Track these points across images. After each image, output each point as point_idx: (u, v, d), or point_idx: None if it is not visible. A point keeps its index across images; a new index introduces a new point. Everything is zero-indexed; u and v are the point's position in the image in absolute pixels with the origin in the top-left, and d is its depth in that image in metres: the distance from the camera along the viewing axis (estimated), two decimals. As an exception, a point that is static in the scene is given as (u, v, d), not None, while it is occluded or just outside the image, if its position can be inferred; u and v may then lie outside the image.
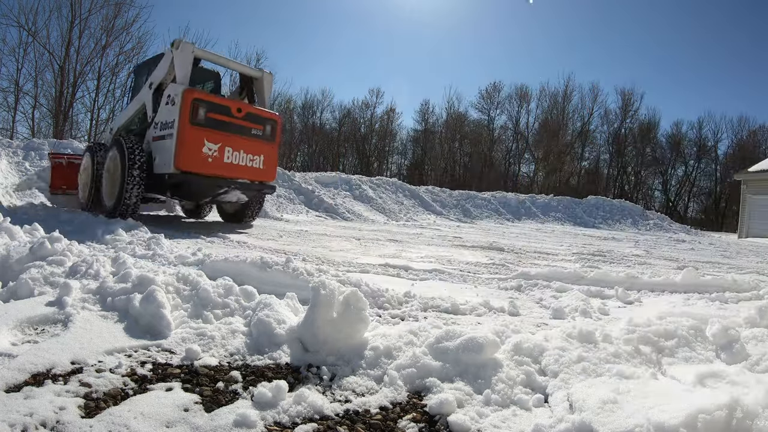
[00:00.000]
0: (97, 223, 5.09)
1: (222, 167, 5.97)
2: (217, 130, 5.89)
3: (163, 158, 5.77)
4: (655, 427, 1.17)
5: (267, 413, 1.32)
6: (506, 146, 41.04)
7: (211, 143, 5.83)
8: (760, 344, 1.81)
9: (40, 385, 1.37)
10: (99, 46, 21.56)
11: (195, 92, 5.82)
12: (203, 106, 5.77)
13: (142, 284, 2.11)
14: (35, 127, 20.66)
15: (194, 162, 5.72)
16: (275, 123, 6.62)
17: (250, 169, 6.28)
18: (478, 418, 1.38)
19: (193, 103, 5.68)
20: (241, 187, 6.30)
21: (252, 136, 6.28)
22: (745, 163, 27.86)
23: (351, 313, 1.81)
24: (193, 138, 5.68)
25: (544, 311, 2.83)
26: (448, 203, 16.68)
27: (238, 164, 6.13)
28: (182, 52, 6.00)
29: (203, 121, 5.76)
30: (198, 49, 6.22)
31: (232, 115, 6.05)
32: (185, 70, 5.98)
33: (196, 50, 6.16)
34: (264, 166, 6.43)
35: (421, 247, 6.04)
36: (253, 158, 6.28)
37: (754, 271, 5.68)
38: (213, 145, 5.85)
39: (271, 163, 6.54)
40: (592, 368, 1.61)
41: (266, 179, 6.60)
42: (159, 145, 5.92)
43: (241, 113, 6.16)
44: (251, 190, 6.49)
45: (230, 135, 6.02)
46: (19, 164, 9.32)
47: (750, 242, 14.43)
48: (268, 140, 6.49)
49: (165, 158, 5.74)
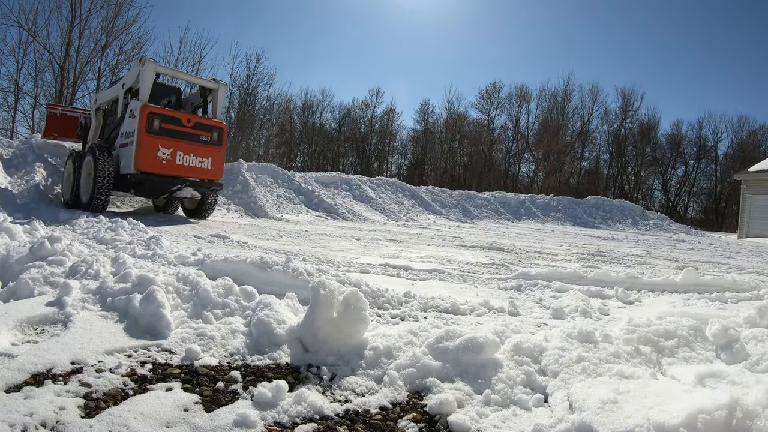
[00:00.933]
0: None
1: (174, 168, 7.18)
2: (170, 137, 7.11)
3: (127, 161, 7.04)
4: (655, 427, 1.17)
5: (267, 413, 1.32)
6: (506, 146, 41.04)
7: (165, 148, 7.06)
8: (760, 344, 1.81)
9: (40, 385, 1.37)
10: (99, 46, 21.55)
11: (150, 107, 7.02)
12: (157, 118, 7.00)
13: (142, 284, 2.11)
14: (35, 127, 20.62)
15: (151, 164, 6.95)
16: (221, 130, 7.83)
17: (199, 169, 7.49)
18: (478, 418, 1.38)
19: (148, 115, 6.94)
20: (192, 184, 7.48)
21: (201, 142, 7.49)
22: (745, 163, 27.87)
23: (351, 313, 1.81)
24: (149, 144, 6.93)
25: (544, 311, 2.83)
26: (448, 203, 16.69)
27: (189, 165, 7.33)
28: (146, 71, 7.14)
29: (157, 131, 6.99)
30: (159, 66, 7.44)
31: (182, 124, 7.31)
32: (146, 87, 7.14)
33: (157, 67, 7.38)
34: (212, 167, 7.65)
35: (421, 247, 6.04)
36: (201, 160, 7.50)
37: (754, 271, 5.68)
38: (167, 150, 7.07)
39: (217, 164, 7.77)
40: (592, 368, 1.61)
41: (214, 178, 7.78)
42: (124, 151, 7.21)
43: (190, 123, 7.40)
44: (201, 187, 7.67)
45: (181, 141, 7.23)
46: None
47: (750, 242, 14.43)
48: (215, 145, 7.70)
49: (128, 161, 7.00)
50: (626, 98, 39.52)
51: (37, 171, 9.03)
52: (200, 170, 7.50)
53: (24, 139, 11.39)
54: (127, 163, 7.02)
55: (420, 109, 43.06)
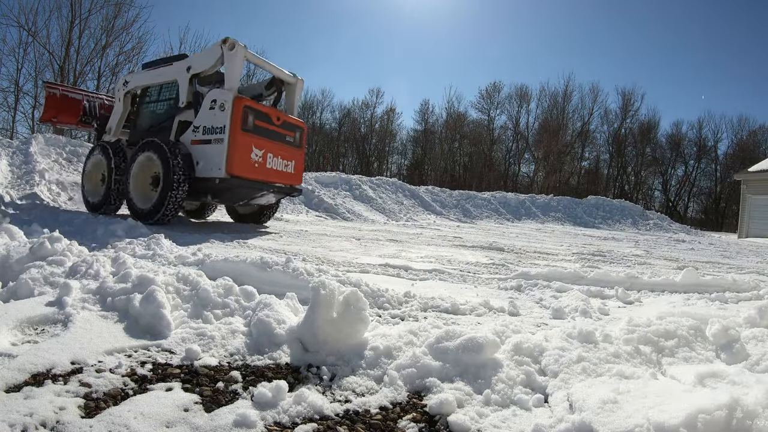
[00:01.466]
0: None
1: (265, 172, 6.26)
2: (262, 137, 6.14)
3: (209, 163, 5.90)
4: (655, 427, 1.17)
5: (267, 413, 1.32)
6: (506, 146, 41.07)
7: (258, 149, 6.09)
8: (760, 344, 1.81)
9: (40, 385, 1.37)
10: (99, 46, 21.61)
11: (245, 99, 5.95)
12: (251, 113, 5.99)
13: (142, 284, 2.11)
14: (35, 127, 20.65)
15: (244, 167, 5.94)
16: (302, 131, 7.02)
17: (285, 173, 6.65)
18: (478, 418, 1.38)
19: (244, 110, 5.85)
20: (278, 190, 6.64)
21: (286, 143, 6.62)
22: (745, 163, 27.87)
23: (351, 313, 1.81)
24: (244, 144, 5.89)
25: (544, 311, 2.82)
26: (448, 203, 16.68)
27: (276, 169, 6.46)
28: (236, 55, 5.96)
29: (251, 128, 5.98)
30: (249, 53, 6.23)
31: (273, 122, 6.34)
32: (236, 75, 6.01)
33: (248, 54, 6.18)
34: (294, 171, 6.85)
35: (421, 247, 6.04)
36: (287, 164, 6.65)
37: (754, 271, 5.68)
38: (259, 151, 6.11)
39: (299, 168, 6.97)
40: (592, 368, 1.60)
41: (295, 183, 7.00)
42: (202, 150, 6.00)
43: (279, 121, 6.46)
44: (283, 193, 6.88)
45: (271, 142, 6.31)
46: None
47: (750, 242, 14.43)
48: (298, 147, 6.90)
49: (213, 163, 5.86)
50: (626, 98, 39.58)
51: (38, 170, 9.02)
52: (285, 174, 6.65)
53: (24, 138, 11.37)
54: (210, 164, 5.89)
55: (420, 109, 43.16)
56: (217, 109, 5.93)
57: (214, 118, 5.94)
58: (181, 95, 6.43)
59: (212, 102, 6.00)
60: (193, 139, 6.11)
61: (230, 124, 5.77)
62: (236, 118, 5.78)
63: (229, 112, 5.78)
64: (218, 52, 6.10)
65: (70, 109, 8.04)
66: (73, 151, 10.70)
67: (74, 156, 10.58)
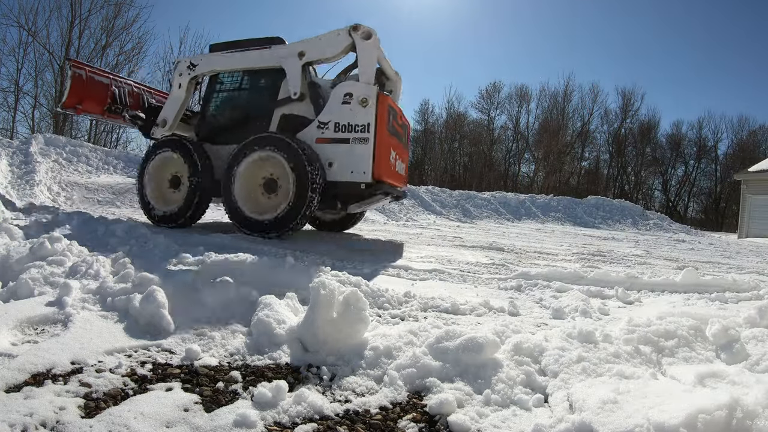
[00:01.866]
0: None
1: (395, 176, 5.77)
2: (393, 136, 5.63)
3: (349, 165, 5.16)
4: (655, 427, 1.17)
5: (267, 413, 1.32)
6: (506, 146, 41.06)
7: (393, 151, 5.60)
8: (760, 344, 1.81)
9: (40, 385, 1.37)
10: (99, 46, 21.61)
11: (388, 96, 5.38)
12: (392, 112, 5.47)
13: (142, 284, 2.11)
14: (35, 127, 20.68)
15: (387, 171, 5.34)
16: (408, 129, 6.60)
17: (402, 176, 6.21)
18: (478, 418, 1.38)
19: (389, 109, 5.32)
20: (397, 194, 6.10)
21: (403, 143, 6.16)
22: (745, 163, 27.87)
23: (351, 313, 1.81)
24: (387, 145, 5.34)
25: (544, 311, 2.82)
26: (448, 203, 16.68)
27: (399, 172, 5.99)
28: (373, 45, 5.27)
29: (391, 128, 5.47)
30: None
31: (398, 120, 5.88)
32: (373, 67, 5.35)
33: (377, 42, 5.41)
34: (405, 172, 6.39)
35: (421, 247, 6.04)
36: (403, 165, 6.20)
37: (754, 271, 5.68)
38: (393, 152, 5.62)
39: (407, 170, 6.50)
40: (592, 368, 1.61)
41: (406, 185, 6.56)
42: (335, 150, 5.21)
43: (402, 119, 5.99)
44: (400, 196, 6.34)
45: (398, 142, 5.85)
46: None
47: (750, 242, 14.43)
48: (406, 147, 6.43)
49: (353, 165, 5.16)
50: (626, 98, 39.57)
51: (38, 170, 9.02)
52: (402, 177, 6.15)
53: (24, 138, 11.37)
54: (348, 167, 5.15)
55: (420, 109, 43.11)
56: (355, 104, 5.18)
57: (351, 115, 5.18)
58: (291, 85, 5.48)
59: (346, 96, 5.23)
60: (319, 137, 5.28)
61: (375, 122, 5.11)
62: (382, 116, 5.15)
63: (374, 108, 5.11)
64: (346, 41, 5.33)
65: (96, 95, 6.64)
66: (73, 151, 10.71)
67: (74, 156, 10.59)
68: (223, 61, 5.99)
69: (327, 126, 5.28)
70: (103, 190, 9.61)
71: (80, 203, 8.75)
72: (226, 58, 5.98)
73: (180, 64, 6.25)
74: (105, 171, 10.75)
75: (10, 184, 8.42)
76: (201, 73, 6.13)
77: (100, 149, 11.79)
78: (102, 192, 9.54)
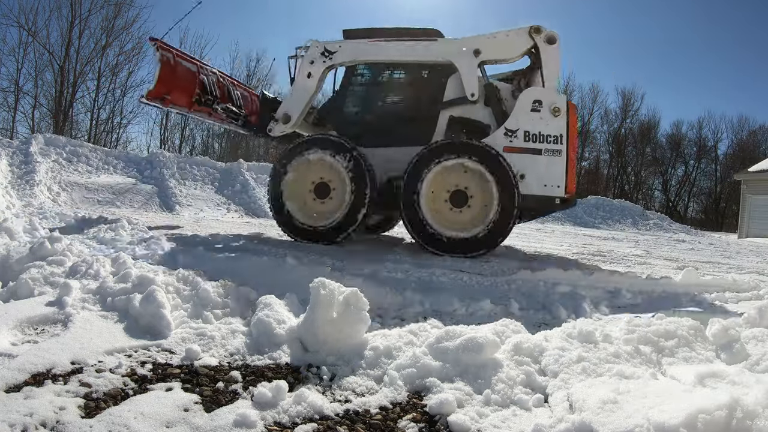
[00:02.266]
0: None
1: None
2: None
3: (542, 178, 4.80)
4: (655, 427, 1.17)
5: (267, 413, 1.32)
6: (506, 146, 40.98)
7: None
8: (760, 344, 1.81)
9: (40, 385, 1.37)
10: (99, 46, 21.63)
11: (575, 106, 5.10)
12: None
13: (142, 284, 2.11)
14: (35, 127, 20.67)
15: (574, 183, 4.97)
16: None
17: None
18: (478, 418, 1.38)
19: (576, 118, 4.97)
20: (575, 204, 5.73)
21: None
22: (745, 163, 27.85)
23: (351, 313, 1.81)
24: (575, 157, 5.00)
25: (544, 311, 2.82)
26: (448, 203, 16.66)
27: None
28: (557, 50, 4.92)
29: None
30: None
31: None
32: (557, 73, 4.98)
33: None
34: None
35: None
36: None
37: (754, 271, 5.68)
38: None
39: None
40: (592, 368, 1.60)
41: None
42: (524, 160, 4.79)
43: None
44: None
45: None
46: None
47: (750, 242, 14.43)
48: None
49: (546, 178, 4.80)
50: (626, 98, 39.51)
51: (38, 170, 9.02)
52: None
53: (24, 138, 11.37)
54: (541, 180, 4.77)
55: (420, 109, 42.99)
56: (545, 112, 4.81)
57: (541, 123, 4.81)
58: (466, 85, 4.99)
59: (535, 103, 4.85)
60: (507, 145, 4.83)
61: (568, 134, 4.79)
62: (573, 127, 4.86)
63: (565, 118, 4.78)
64: (527, 42, 4.94)
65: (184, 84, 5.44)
66: (73, 151, 10.70)
67: (74, 156, 10.58)
68: (373, 50, 5.26)
69: (516, 134, 4.85)
70: (103, 190, 9.61)
71: (80, 203, 8.74)
72: (377, 47, 5.24)
73: (312, 50, 5.33)
74: (105, 171, 10.74)
75: (10, 184, 8.42)
76: (341, 62, 5.32)
77: (100, 149, 11.79)
78: (102, 192, 9.54)
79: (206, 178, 11.63)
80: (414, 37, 5.24)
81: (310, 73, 5.30)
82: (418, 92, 5.32)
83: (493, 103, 5.01)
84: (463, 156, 4.60)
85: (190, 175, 11.41)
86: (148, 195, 10.03)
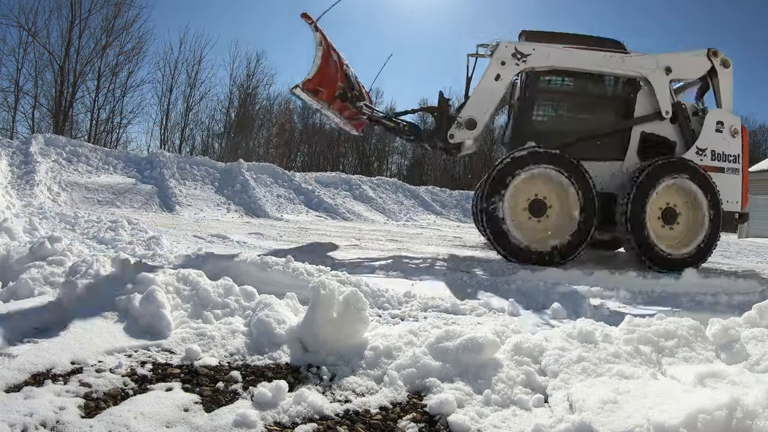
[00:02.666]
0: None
1: None
2: None
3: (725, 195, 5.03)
4: (655, 427, 1.17)
5: (267, 413, 1.32)
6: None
7: None
8: (760, 344, 1.80)
9: (40, 385, 1.37)
10: (99, 46, 21.63)
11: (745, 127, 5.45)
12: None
13: (142, 284, 2.11)
14: (35, 127, 20.65)
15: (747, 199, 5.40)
16: None
17: None
18: (478, 418, 1.37)
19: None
20: None
21: None
22: (745, 163, 27.82)
23: (351, 313, 1.81)
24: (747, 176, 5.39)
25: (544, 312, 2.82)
26: (448, 203, 16.68)
27: None
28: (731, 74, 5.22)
29: None
30: None
31: None
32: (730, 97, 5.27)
33: None
34: None
35: (421, 247, 6.04)
36: None
37: (755, 271, 5.68)
38: None
39: None
40: (592, 368, 1.60)
41: None
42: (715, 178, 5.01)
43: None
44: None
45: None
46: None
47: (750, 242, 14.43)
48: None
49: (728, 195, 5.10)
50: (626, 98, 39.55)
51: (38, 170, 9.02)
52: None
53: (24, 138, 11.36)
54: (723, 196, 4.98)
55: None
56: (726, 133, 5.15)
57: (723, 144, 5.13)
58: (661, 102, 5.05)
59: (718, 124, 5.15)
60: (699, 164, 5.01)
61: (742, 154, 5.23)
62: (746, 147, 5.28)
63: (741, 140, 5.22)
64: (706, 65, 5.20)
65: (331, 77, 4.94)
66: (73, 151, 10.71)
67: (74, 156, 10.59)
68: (568, 57, 5.05)
69: (705, 153, 5.10)
70: (103, 190, 9.62)
71: (80, 203, 8.75)
72: (571, 54, 5.06)
73: (501, 50, 4.98)
74: (105, 171, 10.75)
75: (10, 184, 8.42)
76: (534, 66, 5.02)
77: (100, 149, 11.80)
78: (102, 192, 9.54)
79: (206, 178, 11.64)
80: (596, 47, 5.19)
81: (499, 75, 4.97)
82: (611, 106, 5.32)
83: (681, 121, 5.14)
84: (682, 175, 4.78)
85: (190, 175, 11.42)
86: (148, 195, 10.04)
